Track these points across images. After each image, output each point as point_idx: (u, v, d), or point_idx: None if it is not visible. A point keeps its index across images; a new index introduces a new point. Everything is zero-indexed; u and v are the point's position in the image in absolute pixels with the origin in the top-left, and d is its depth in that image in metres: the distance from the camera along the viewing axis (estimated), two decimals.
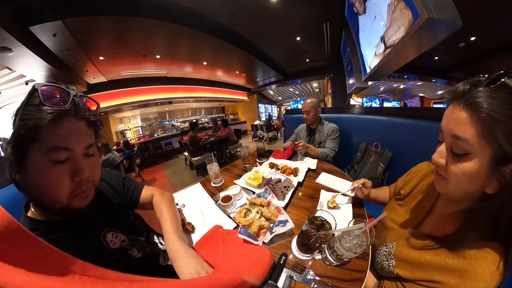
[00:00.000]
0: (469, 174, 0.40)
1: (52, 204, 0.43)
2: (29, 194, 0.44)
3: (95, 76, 5.53)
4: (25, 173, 0.40)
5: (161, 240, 0.84)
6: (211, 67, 6.94)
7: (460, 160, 0.41)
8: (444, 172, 0.45)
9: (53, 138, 0.39)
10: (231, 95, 10.27)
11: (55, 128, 0.39)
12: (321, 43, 5.26)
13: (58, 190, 0.41)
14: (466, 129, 0.38)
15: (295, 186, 1.08)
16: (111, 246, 0.58)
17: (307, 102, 1.81)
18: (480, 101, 0.36)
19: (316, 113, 1.79)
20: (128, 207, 0.77)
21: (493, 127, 0.35)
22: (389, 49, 2.14)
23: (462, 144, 0.39)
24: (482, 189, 0.41)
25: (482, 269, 0.40)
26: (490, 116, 0.35)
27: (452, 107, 0.42)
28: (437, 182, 0.50)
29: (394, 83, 8.83)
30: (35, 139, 0.38)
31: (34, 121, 0.38)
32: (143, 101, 7.21)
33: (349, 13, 3.31)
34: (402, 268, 0.55)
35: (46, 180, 0.40)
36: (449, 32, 1.39)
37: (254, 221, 0.76)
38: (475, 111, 0.37)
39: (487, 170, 0.38)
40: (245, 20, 4.22)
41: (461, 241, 0.45)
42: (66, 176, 0.42)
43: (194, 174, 4.62)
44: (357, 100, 11.32)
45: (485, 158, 0.37)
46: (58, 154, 0.40)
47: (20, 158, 0.39)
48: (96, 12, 3.10)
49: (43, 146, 0.38)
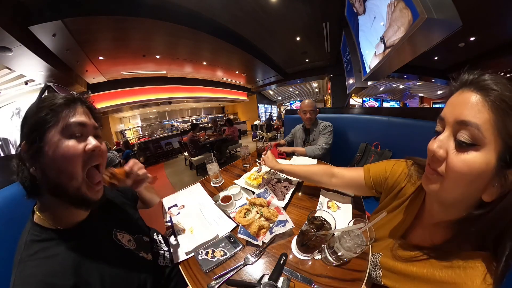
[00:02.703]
0: (474, 169, 0.33)
1: (69, 180, 0.45)
2: (45, 180, 0.45)
3: (94, 76, 5.53)
4: (43, 155, 0.43)
5: (161, 238, 0.85)
6: (211, 67, 6.93)
7: (465, 152, 0.34)
8: (441, 167, 0.38)
9: (69, 116, 0.46)
10: (231, 95, 10.27)
11: (70, 109, 0.47)
12: (321, 43, 5.26)
13: (74, 160, 0.45)
14: (478, 113, 0.32)
15: (295, 186, 1.08)
16: (125, 244, 0.61)
17: (309, 102, 1.79)
18: (495, 85, 0.32)
19: (316, 114, 1.83)
20: (132, 207, 0.80)
21: (507, 115, 0.30)
22: (388, 49, 2.14)
23: (471, 130, 0.32)
24: (479, 195, 0.36)
25: (472, 281, 0.37)
26: (505, 102, 0.30)
27: (459, 93, 0.36)
28: (428, 180, 0.42)
29: (393, 83, 8.83)
30: (52, 121, 0.44)
31: (51, 104, 0.44)
32: (143, 101, 7.21)
33: (349, 13, 3.32)
34: (390, 279, 0.53)
35: (64, 152, 0.44)
36: (448, 32, 1.39)
37: (254, 221, 0.76)
38: (489, 94, 0.32)
39: (493, 170, 0.32)
40: (245, 20, 4.22)
41: (451, 252, 0.41)
42: (81, 147, 0.46)
43: (194, 174, 4.62)
44: (357, 100, 11.32)
45: (493, 152, 0.32)
46: (74, 128, 0.46)
47: (39, 143, 0.43)
48: (96, 12, 3.10)
49: (60, 125, 0.44)
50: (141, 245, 0.68)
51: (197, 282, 0.60)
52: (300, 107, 1.83)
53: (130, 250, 0.62)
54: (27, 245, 0.44)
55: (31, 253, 0.43)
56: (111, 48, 4.32)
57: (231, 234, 0.78)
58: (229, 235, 0.77)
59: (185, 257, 0.69)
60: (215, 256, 0.68)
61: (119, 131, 8.78)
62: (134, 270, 0.59)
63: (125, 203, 0.76)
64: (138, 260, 0.64)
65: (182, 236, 0.79)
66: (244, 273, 0.63)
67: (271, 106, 14.67)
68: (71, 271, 0.44)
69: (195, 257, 0.69)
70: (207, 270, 0.63)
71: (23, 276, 0.41)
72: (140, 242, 0.69)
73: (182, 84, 7.72)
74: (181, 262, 0.69)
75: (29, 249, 0.44)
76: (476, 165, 0.33)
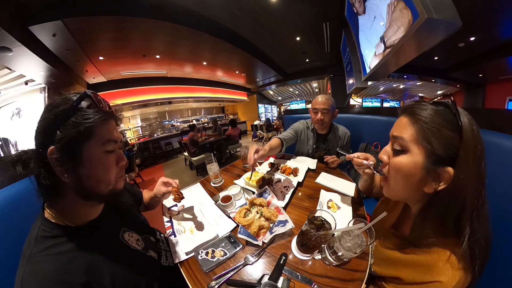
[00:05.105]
0: (404, 167, 0.47)
1: (106, 187, 0.51)
2: (79, 187, 0.47)
3: (94, 76, 5.52)
4: (80, 166, 0.45)
5: (163, 238, 0.85)
6: (211, 67, 6.93)
7: (398, 155, 0.48)
8: (384, 171, 0.53)
9: (106, 133, 0.49)
10: (231, 95, 10.27)
11: (106, 126, 0.49)
12: (321, 43, 5.26)
13: (111, 173, 0.51)
14: (404, 130, 0.47)
15: (295, 186, 1.08)
16: (132, 245, 0.62)
17: (324, 98, 1.37)
18: (418, 110, 0.45)
19: (333, 116, 1.41)
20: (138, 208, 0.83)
21: (426, 130, 0.43)
22: (388, 49, 2.14)
23: (399, 141, 0.48)
24: (421, 189, 0.46)
25: (443, 262, 0.43)
26: (425, 122, 0.43)
27: (399, 117, 0.51)
28: (384, 186, 0.56)
29: (393, 83, 8.84)
30: (91, 136, 0.45)
31: (91, 120, 0.45)
32: (143, 101, 7.20)
33: (349, 13, 3.31)
34: (379, 266, 0.59)
35: (103, 167, 0.49)
36: (448, 32, 1.39)
37: (254, 221, 0.76)
38: (412, 116, 0.46)
39: (422, 168, 0.44)
40: (245, 20, 4.21)
41: (418, 238, 0.49)
42: (114, 162, 0.52)
43: (194, 174, 4.62)
44: (357, 100, 11.32)
45: (418, 156, 0.44)
46: (110, 145, 0.50)
47: (77, 154, 0.45)
48: (96, 12, 3.10)
49: (99, 140, 0.47)
50: (149, 244, 0.69)
51: (197, 282, 0.60)
52: (312, 104, 1.44)
53: (137, 250, 0.63)
54: (37, 241, 0.44)
55: (42, 249, 0.43)
56: (111, 48, 4.31)
57: (231, 234, 0.78)
58: (229, 235, 0.77)
59: (185, 257, 0.69)
60: (215, 256, 0.68)
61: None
62: (142, 270, 0.60)
63: (132, 204, 0.78)
64: (146, 260, 0.65)
65: (182, 236, 0.79)
66: (244, 273, 0.63)
67: (271, 106, 14.66)
68: (83, 269, 0.44)
69: (195, 257, 0.69)
70: (207, 270, 0.63)
71: (33, 271, 0.40)
72: (148, 242, 0.70)
73: (182, 84, 7.71)
74: (181, 262, 0.69)
75: (39, 245, 0.44)
76: (405, 164, 0.47)
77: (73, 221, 0.50)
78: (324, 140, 1.52)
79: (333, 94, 6.87)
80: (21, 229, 0.49)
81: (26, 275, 0.40)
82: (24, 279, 0.39)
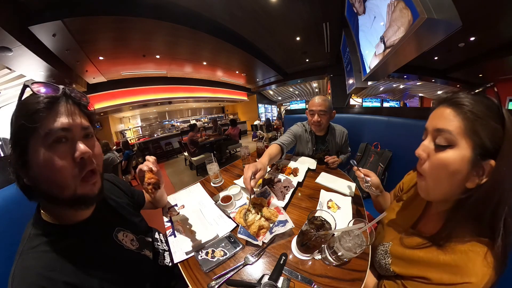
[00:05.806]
0: (452, 163, 0.42)
1: (61, 191, 0.43)
2: (39, 192, 0.44)
3: (94, 76, 5.53)
4: (30, 167, 0.41)
5: (162, 237, 0.85)
6: (211, 67, 6.93)
7: (442, 151, 0.43)
8: (424, 168, 0.48)
9: (50, 122, 0.40)
10: (231, 95, 10.27)
11: (51, 112, 0.41)
12: (321, 43, 5.26)
13: (62, 171, 0.41)
14: (450, 122, 0.43)
15: (295, 186, 1.08)
16: (125, 245, 0.61)
17: (321, 99, 1.34)
18: (463, 100, 0.42)
19: (330, 117, 1.40)
20: (136, 208, 0.81)
21: (474, 122, 0.40)
22: (388, 49, 2.14)
23: (445, 135, 0.43)
24: (463, 185, 0.43)
25: (473, 263, 0.41)
26: (472, 112, 0.40)
27: (437, 109, 0.47)
28: (419, 185, 0.52)
29: (393, 83, 8.83)
30: (33, 128, 0.39)
31: (29, 109, 0.39)
32: (143, 101, 7.20)
33: (349, 13, 3.31)
34: (397, 265, 0.56)
35: (49, 163, 0.40)
36: (448, 32, 1.39)
37: (254, 221, 0.76)
38: (458, 107, 0.42)
39: (468, 164, 0.40)
40: (245, 20, 4.21)
41: (448, 237, 0.46)
42: (68, 156, 0.42)
43: (194, 174, 4.62)
44: (357, 100, 11.32)
45: (466, 149, 0.40)
46: (56, 134, 0.40)
47: (23, 153, 0.40)
48: (95, 12, 3.10)
49: (41, 131, 0.39)
50: (143, 244, 0.69)
51: (197, 282, 0.60)
52: (308, 105, 1.41)
53: (131, 250, 0.62)
54: (30, 238, 0.45)
55: (33, 246, 0.44)
56: (111, 48, 4.32)
57: (231, 234, 0.78)
58: (229, 235, 0.77)
59: (185, 257, 0.69)
60: (215, 256, 0.68)
61: (119, 131, 8.77)
62: (134, 269, 0.59)
63: (129, 204, 0.76)
64: (139, 259, 0.64)
65: (182, 236, 0.79)
66: (244, 273, 0.63)
67: (271, 106, 14.66)
68: (70, 267, 0.44)
69: (195, 257, 0.69)
70: (207, 270, 0.63)
71: (22, 267, 0.41)
72: (143, 242, 0.69)
73: (182, 84, 7.72)
74: (181, 262, 0.68)
75: (31, 242, 0.44)
76: (452, 159, 0.42)
77: (64, 220, 0.49)
78: (322, 142, 1.51)
79: (333, 94, 6.88)
80: (21, 229, 0.49)
81: (17, 271, 0.40)
82: (15, 275, 0.40)
